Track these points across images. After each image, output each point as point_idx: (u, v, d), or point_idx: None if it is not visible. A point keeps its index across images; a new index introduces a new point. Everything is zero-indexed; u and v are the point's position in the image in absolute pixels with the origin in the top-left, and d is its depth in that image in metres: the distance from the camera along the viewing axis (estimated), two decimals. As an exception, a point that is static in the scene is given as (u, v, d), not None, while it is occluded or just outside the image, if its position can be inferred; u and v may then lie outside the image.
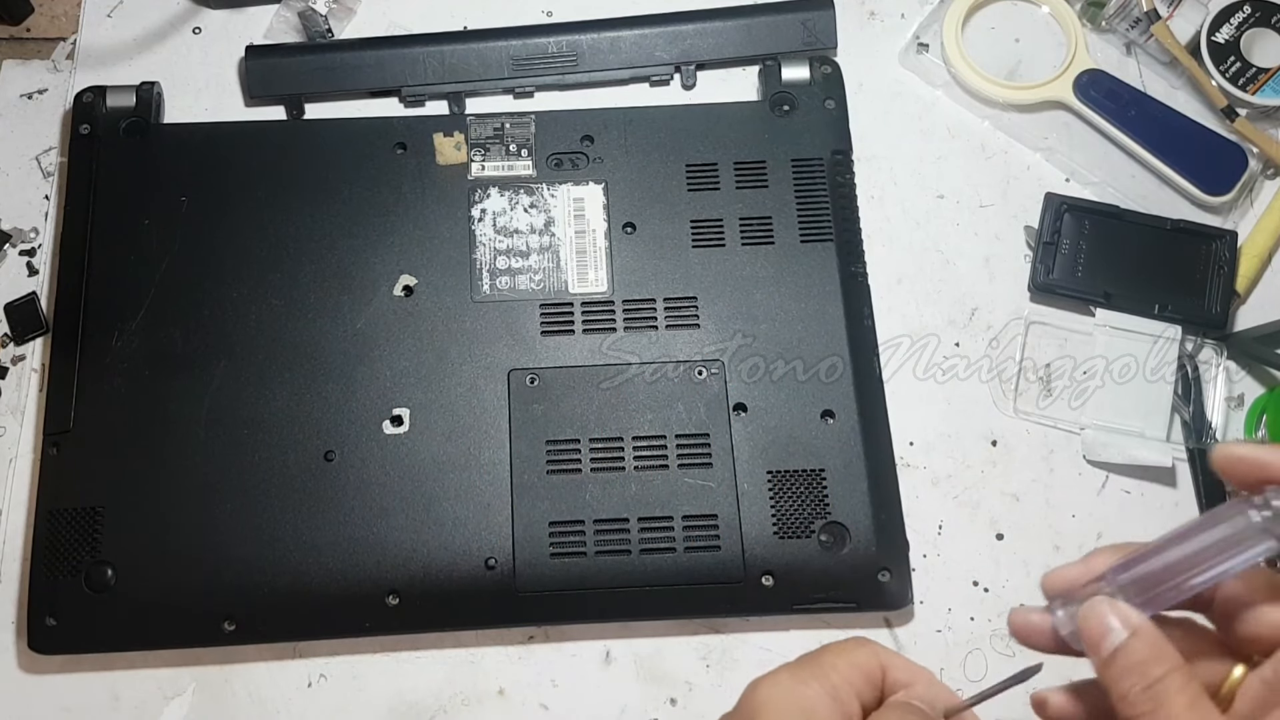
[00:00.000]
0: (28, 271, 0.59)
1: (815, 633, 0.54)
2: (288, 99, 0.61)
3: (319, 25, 0.62)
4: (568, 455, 0.54)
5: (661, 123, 0.60)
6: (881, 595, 0.52)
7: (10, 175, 0.61)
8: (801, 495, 0.53)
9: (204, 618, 0.51)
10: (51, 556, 0.51)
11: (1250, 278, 0.59)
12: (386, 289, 0.56)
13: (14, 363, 0.57)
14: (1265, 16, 0.62)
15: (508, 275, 0.57)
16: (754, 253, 0.57)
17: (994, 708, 0.54)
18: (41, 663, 0.52)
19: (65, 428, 0.53)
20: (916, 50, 0.63)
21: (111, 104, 0.59)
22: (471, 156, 0.59)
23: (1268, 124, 0.62)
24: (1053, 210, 0.59)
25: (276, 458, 0.53)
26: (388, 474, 0.53)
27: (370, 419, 0.54)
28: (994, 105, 0.63)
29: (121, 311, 0.55)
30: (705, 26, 0.62)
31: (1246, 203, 0.61)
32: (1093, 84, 0.62)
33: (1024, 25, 0.65)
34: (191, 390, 0.54)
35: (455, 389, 0.54)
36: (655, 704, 0.52)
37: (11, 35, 0.64)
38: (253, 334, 0.55)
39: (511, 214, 0.58)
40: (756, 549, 0.52)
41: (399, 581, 0.51)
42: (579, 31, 0.62)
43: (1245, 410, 0.58)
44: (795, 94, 0.60)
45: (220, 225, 0.57)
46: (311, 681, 0.53)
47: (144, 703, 0.52)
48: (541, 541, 0.52)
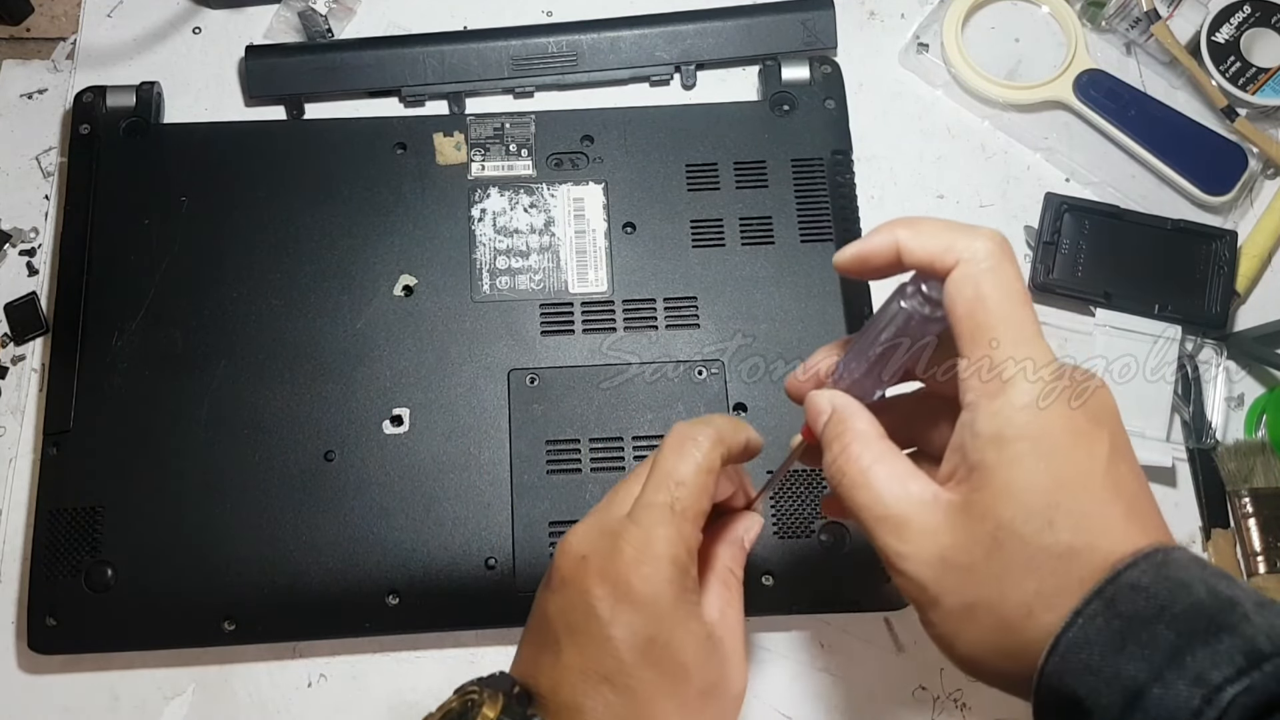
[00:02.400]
0: (28, 271, 0.59)
1: (815, 632, 0.54)
2: (288, 99, 0.61)
3: (319, 25, 0.62)
4: (568, 455, 0.54)
5: (661, 123, 0.60)
6: (881, 595, 0.52)
7: (10, 175, 0.61)
8: (801, 495, 0.53)
9: (204, 618, 0.51)
10: (51, 556, 0.51)
11: (1250, 278, 0.59)
12: (386, 289, 0.56)
13: (14, 363, 0.57)
14: (1265, 16, 0.62)
15: (508, 275, 0.57)
16: (754, 253, 0.57)
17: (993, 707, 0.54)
18: (41, 663, 0.52)
19: (65, 428, 0.53)
20: (916, 50, 0.63)
21: (111, 104, 0.59)
22: (471, 156, 0.59)
23: (1268, 124, 0.62)
24: (1053, 210, 0.59)
25: (276, 458, 0.53)
26: (388, 474, 0.53)
27: (370, 419, 0.54)
28: (994, 105, 0.63)
29: (121, 311, 0.55)
30: (705, 26, 0.62)
31: (1246, 203, 0.61)
32: (1093, 84, 0.62)
33: (1024, 25, 0.65)
34: (191, 390, 0.54)
35: (455, 389, 0.54)
36: (655, 704, 0.52)
37: (11, 35, 0.64)
38: (253, 334, 0.55)
39: (511, 214, 0.58)
40: (756, 549, 0.52)
41: (399, 581, 0.51)
42: (579, 31, 0.62)
43: (1245, 410, 0.58)
44: (795, 94, 0.60)
45: (220, 225, 0.57)
46: (311, 681, 0.53)
47: (144, 703, 0.52)
48: (541, 541, 0.52)
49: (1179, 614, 0.30)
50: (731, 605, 0.39)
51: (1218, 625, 0.29)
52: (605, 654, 0.36)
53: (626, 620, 0.36)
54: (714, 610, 0.38)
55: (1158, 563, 0.31)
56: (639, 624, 0.36)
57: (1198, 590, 0.30)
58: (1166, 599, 0.30)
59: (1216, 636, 0.29)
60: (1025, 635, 0.31)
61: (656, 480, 0.37)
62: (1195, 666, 0.29)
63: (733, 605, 0.39)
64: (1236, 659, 0.29)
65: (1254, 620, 0.29)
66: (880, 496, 0.33)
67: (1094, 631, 0.30)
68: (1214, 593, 0.30)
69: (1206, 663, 0.29)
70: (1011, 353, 0.32)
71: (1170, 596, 0.30)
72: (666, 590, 0.36)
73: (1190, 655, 0.29)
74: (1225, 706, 0.28)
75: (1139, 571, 0.30)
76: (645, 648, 0.36)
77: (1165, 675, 0.29)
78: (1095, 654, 0.30)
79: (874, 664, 0.53)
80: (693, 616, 0.37)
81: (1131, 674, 0.29)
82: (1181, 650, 0.29)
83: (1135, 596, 0.30)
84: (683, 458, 0.37)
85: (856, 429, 0.34)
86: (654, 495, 0.37)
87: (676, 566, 0.36)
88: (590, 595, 0.36)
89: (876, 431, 0.35)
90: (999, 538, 0.31)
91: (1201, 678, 0.29)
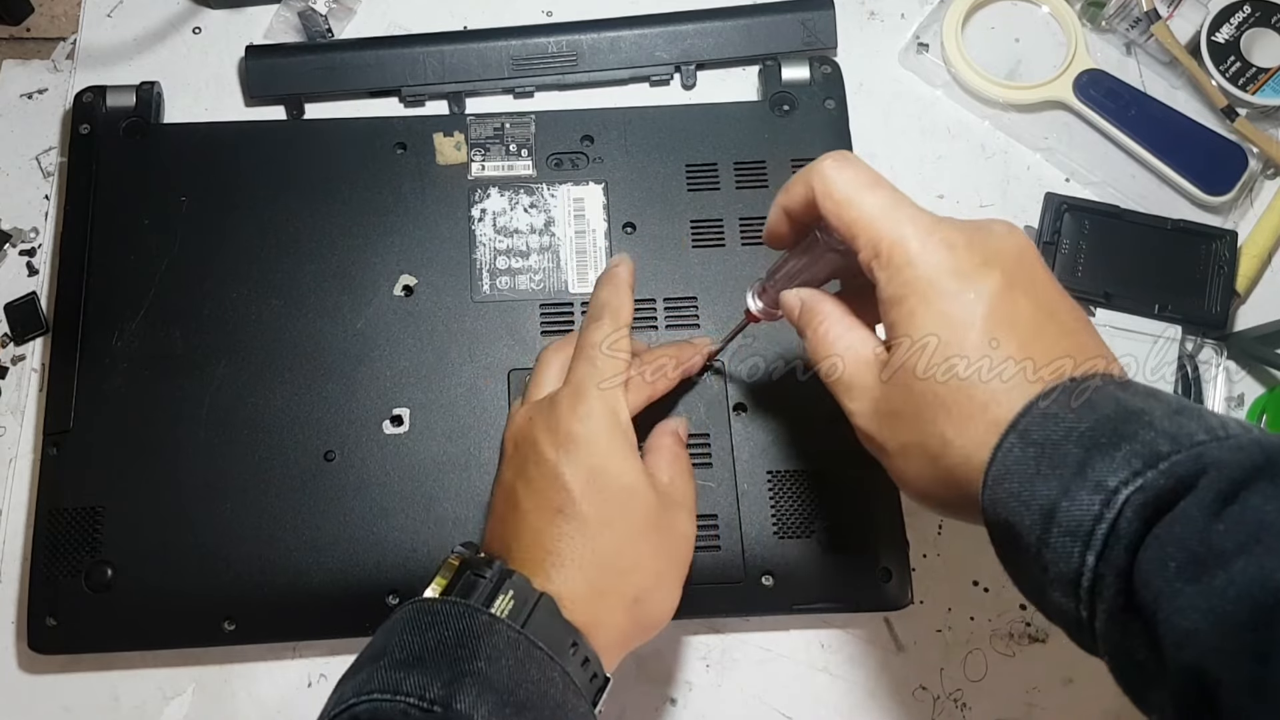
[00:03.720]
0: (28, 271, 0.59)
1: (815, 632, 0.54)
2: (288, 99, 0.61)
3: (319, 25, 0.62)
4: (568, 455, 0.53)
5: (661, 123, 0.60)
6: (881, 595, 0.52)
7: (10, 175, 0.61)
8: (801, 495, 0.53)
9: (204, 618, 0.51)
10: (51, 556, 0.51)
11: (1250, 278, 0.59)
12: (386, 289, 0.56)
13: (14, 363, 0.57)
14: (1265, 16, 0.62)
15: (508, 275, 0.57)
16: (754, 253, 0.57)
17: (994, 708, 0.54)
18: (41, 663, 0.52)
19: (65, 428, 0.53)
20: (916, 50, 0.63)
21: (111, 104, 0.59)
22: (471, 156, 0.59)
23: (1268, 124, 0.62)
24: (1053, 210, 0.59)
25: (276, 458, 0.53)
26: (388, 474, 0.53)
27: (370, 419, 0.54)
28: (994, 105, 0.63)
29: (121, 311, 0.55)
30: (705, 26, 0.62)
31: (1246, 203, 0.61)
32: (1093, 84, 0.62)
33: (1024, 25, 0.65)
34: (191, 390, 0.54)
35: (455, 389, 0.54)
36: (655, 704, 0.52)
37: (11, 35, 0.64)
38: (253, 334, 0.55)
39: (511, 214, 0.58)
40: (756, 549, 0.52)
41: (399, 581, 0.51)
42: (579, 31, 0.62)
43: (1245, 410, 0.58)
44: (795, 94, 0.60)
45: (220, 225, 0.57)
46: (311, 681, 0.53)
47: (144, 703, 0.52)
48: (541, 541, 0.52)
49: (1085, 431, 0.32)
50: (680, 474, 0.46)
51: (1120, 435, 0.31)
52: (556, 489, 0.42)
53: (571, 458, 0.42)
54: (664, 476, 0.45)
55: (1070, 390, 0.33)
56: (582, 458, 0.42)
57: (1105, 408, 0.32)
58: (1074, 421, 0.32)
59: (1117, 446, 0.31)
60: (952, 467, 0.35)
61: (580, 353, 0.44)
62: (1095, 475, 0.31)
63: (681, 474, 0.46)
64: (1133, 463, 0.30)
65: (1159, 426, 0.31)
66: (836, 364, 0.39)
67: (1013, 462, 0.33)
68: (1122, 407, 0.32)
69: (1105, 470, 0.31)
70: (882, 230, 0.37)
71: (1078, 418, 0.32)
72: (603, 429, 0.42)
73: (1091, 467, 0.31)
74: (1120, 507, 0.30)
75: (1050, 401, 0.33)
76: (589, 478, 0.42)
77: (1071, 489, 0.31)
78: (1016, 482, 0.32)
79: (874, 664, 0.53)
80: (631, 454, 0.43)
81: (1045, 494, 0.32)
82: (1085, 464, 0.31)
83: (1047, 424, 0.33)
84: (598, 329, 0.45)
85: (824, 310, 0.41)
86: (579, 365, 0.44)
87: (609, 411, 0.43)
88: (538, 445, 0.43)
89: (840, 310, 0.41)
90: (908, 384, 0.36)
91: (1100, 484, 0.31)
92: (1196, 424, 0.31)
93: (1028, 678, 0.53)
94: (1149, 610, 0.29)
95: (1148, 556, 0.29)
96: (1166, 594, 0.28)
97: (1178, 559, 0.29)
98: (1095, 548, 0.30)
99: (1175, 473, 0.30)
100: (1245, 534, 0.28)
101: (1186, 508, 0.29)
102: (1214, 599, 0.27)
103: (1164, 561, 0.29)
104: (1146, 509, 0.30)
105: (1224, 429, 0.31)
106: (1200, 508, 0.29)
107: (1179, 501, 0.29)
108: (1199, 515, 0.29)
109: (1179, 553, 0.29)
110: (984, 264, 0.35)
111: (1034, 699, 0.53)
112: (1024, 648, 0.54)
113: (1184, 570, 0.28)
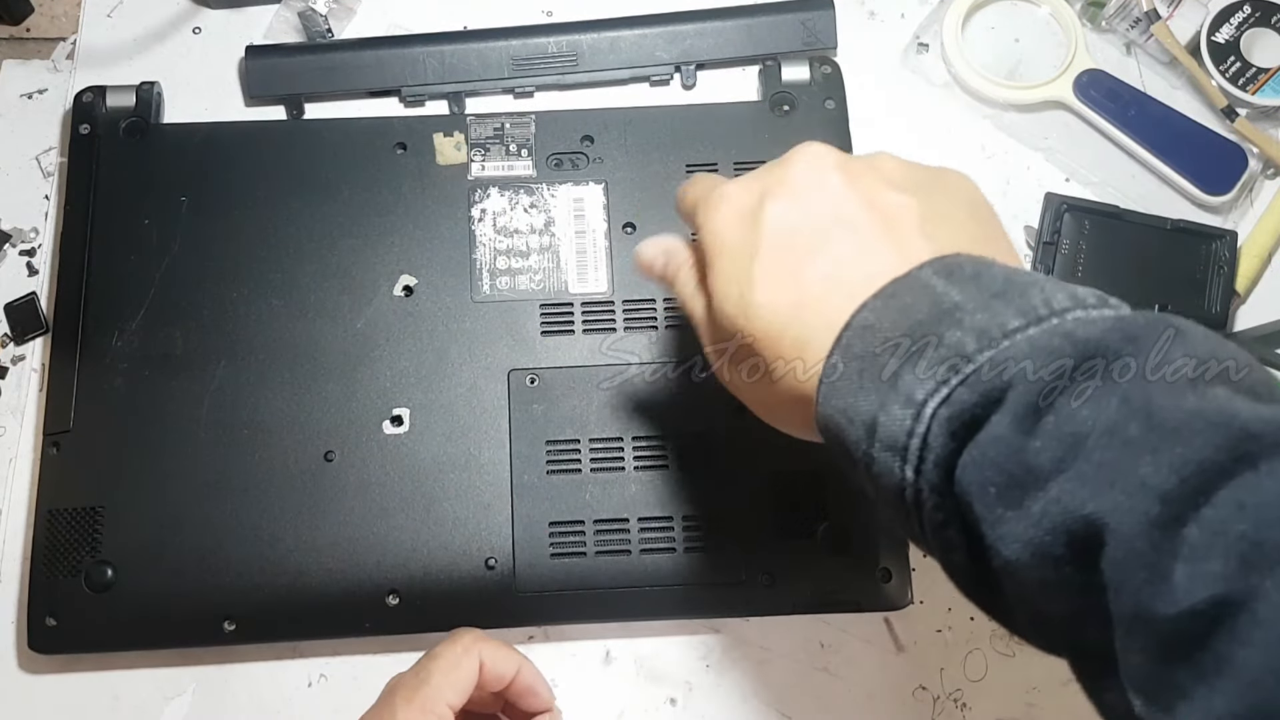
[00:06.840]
0: (28, 271, 0.59)
1: (815, 633, 0.54)
2: (288, 99, 0.61)
3: (319, 25, 0.62)
4: (567, 455, 0.54)
5: (661, 123, 0.60)
6: (881, 595, 0.52)
7: (10, 175, 0.61)
8: (801, 495, 0.53)
9: (204, 618, 0.51)
10: (51, 556, 0.51)
11: (1250, 277, 0.59)
12: (386, 289, 0.56)
13: (14, 363, 0.57)
14: (1265, 16, 0.62)
15: (508, 275, 0.57)
16: (754, 253, 0.57)
17: (994, 708, 0.54)
18: (41, 663, 0.52)
19: (65, 428, 0.53)
20: (916, 50, 0.63)
21: (111, 104, 0.59)
22: (471, 156, 0.59)
23: (1268, 124, 0.62)
24: (1053, 210, 0.59)
25: (276, 458, 0.53)
26: (388, 474, 0.53)
27: (370, 419, 0.54)
28: (994, 105, 0.63)
29: (121, 311, 0.55)
30: (705, 26, 0.62)
31: (1246, 203, 0.61)
32: (1093, 84, 0.62)
33: (1024, 25, 0.65)
34: (191, 390, 0.54)
35: (455, 389, 0.54)
36: (655, 704, 0.52)
37: (11, 35, 0.64)
38: (253, 334, 0.55)
39: (511, 214, 0.58)
40: (756, 549, 0.52)
41: (399, 581, 0.52)
42: (579, 31, 0.62)
43: (1245, 410, 0.58)
44: (795, 94, 0.60)
45: (220, 225, 0.57)
46: (311, 681, 0.53)
47: (144, 703, 0.52)
48: (541, 542, 0.52)
49: (898, 339, 0.30)
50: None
51: (928, 339, 0.30)
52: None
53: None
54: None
55: (886, 295, 0.32)
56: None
57: (919, 309, 0.31)
58: (890, 328, 0.31)
59: (923, 351, 0.29)
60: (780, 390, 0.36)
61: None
62: (905, 387, 0.29)
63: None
64: (938, 370, 0.29)
65: (968, 321, 0.29)
66: (695, 309, 0.40)
67: (838, 378, 0.32)
68: (936, 305, 0.30)
69: (913, 381, 0.29)
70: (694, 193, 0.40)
71: (894, 325, 0.31)
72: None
73: (901, 378, 0.30)
74: (929, 421, 0.29)
75: (867, 311, 0.32)
76: None
77: (886, 402, 0.30)
78: (843, 399, 0.32)
79: (874, 664, 0.53)
80: None
81: (866, 408, 0.31)
82: (897, 374, 0.30)
83: (865, 335, 0.32)
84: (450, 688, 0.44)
85: (686, 258, 0.41)
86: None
87: None
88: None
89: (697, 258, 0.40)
90: (721, 324, 0.37)
91: (910, 397, 0.29)
92: (1012, 307, 0.29)
93: (1028, 678, 0.53)
94: (975, 531, 0.28)
95: (968, 478, 0.28)
96: (989, 520, 0.27)
97: (997, 483, 0.27)
98: (911, 462, 0.29)
99: (979, 385, 0.28)
100: (1062, 449, 0.26)
101: (996, 425, 0.28)
102: (1031, 529, 0.26)
103: (984, 486, 0.27)
104: (953, 423, 0.28)
105: (1046, 305, 0.29)
106: (1012, 425, 0.27)
107: (990, 415, 0.28)
108: (1011, 434, 0.27)
109: (998, 475, 0.27)
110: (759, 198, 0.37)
111: (1034, 699, 0.53)
112: (1024, 648, 0.54)
113: (1004, 495, 0.27)
